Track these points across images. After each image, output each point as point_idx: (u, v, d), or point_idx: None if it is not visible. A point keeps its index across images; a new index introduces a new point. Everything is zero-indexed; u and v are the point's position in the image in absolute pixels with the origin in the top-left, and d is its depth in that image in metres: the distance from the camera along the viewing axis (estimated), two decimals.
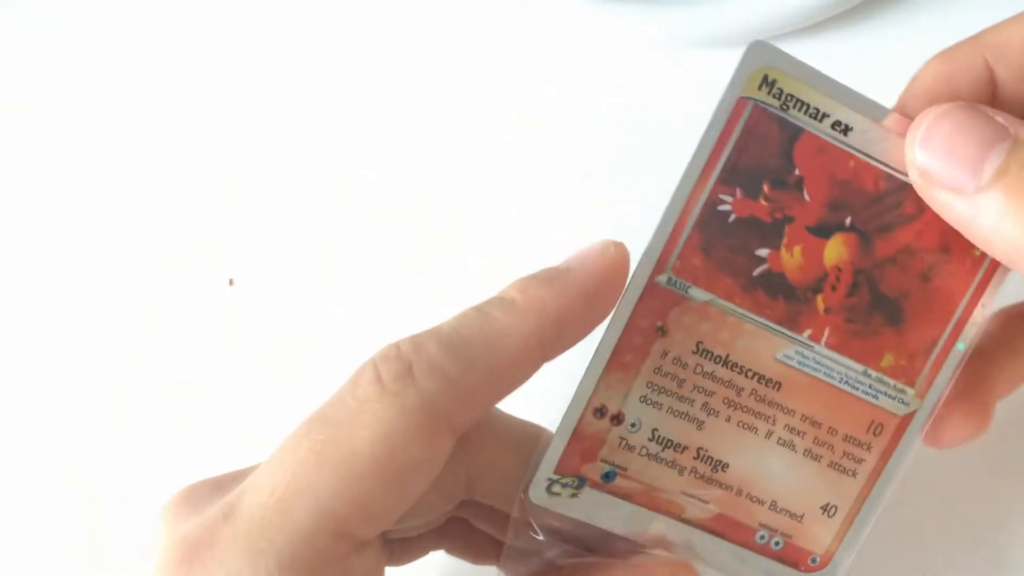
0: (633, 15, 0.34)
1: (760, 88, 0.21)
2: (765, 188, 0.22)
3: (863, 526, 0.24)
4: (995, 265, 0.23)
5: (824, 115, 0.22)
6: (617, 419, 0.23)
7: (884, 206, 0.22)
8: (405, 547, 0.25)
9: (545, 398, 0.24)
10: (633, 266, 0.22)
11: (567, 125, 0.34)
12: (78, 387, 0.32)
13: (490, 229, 0.33)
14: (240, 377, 0.32)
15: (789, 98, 0.22)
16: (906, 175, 0.22)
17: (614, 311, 0.22)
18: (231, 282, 0.33)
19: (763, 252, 0.22)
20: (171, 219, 0.34)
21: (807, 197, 0.22)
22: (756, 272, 0.22)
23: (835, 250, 0.23)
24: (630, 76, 0.34)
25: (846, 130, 0.22)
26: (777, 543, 0.24)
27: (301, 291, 0.33)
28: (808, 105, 0.22)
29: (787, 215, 0.22)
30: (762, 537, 0.24)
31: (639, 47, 0.34)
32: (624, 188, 0.33)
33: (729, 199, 0.22)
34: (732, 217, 0.22)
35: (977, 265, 0.23)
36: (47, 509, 0.30)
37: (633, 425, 0.23)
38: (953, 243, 0.23)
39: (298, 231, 0.34)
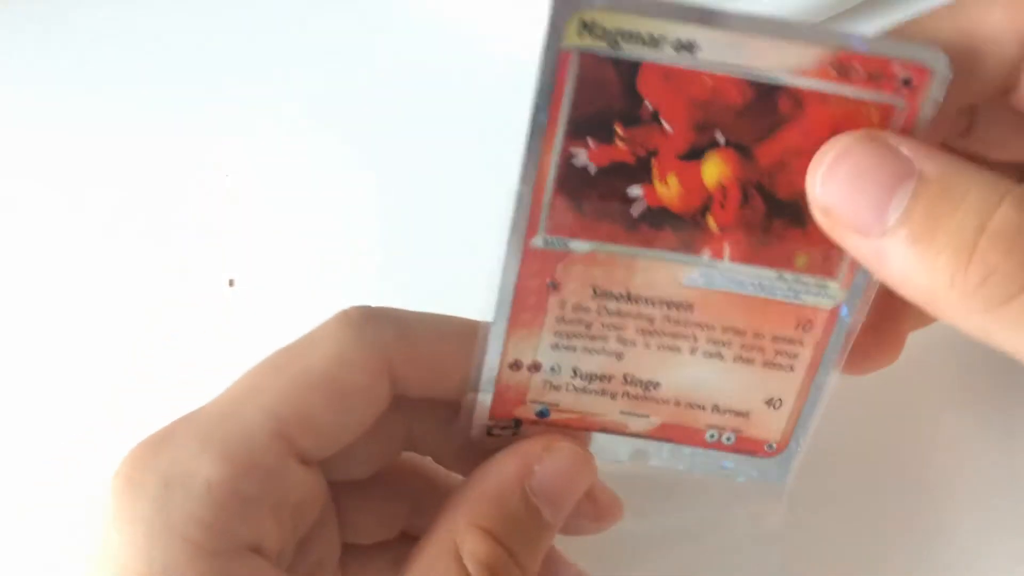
0: None
1: (581, 34, 0.19)
2: (618, 130, 0.20)
3: (813, 411, 0.24)
4: None
5: (661, 39, 0.20)
6: (535, 367, 0.24)
7: (757, 113, 0.20)
8: (361, 561, 0.26)
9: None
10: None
11: None
12: (78, 387, 0.32)
13: (489, 228, 0.33)
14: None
15: (616, 34, 0.19)
16: (773, 74, 0.20)
17: (499, 280, 0.22)
18: (231, 282, 0.33)
19: (636, 191, 0.21)
20: (171, 219, 0.34)
21: (667, 127, 0.20)
22: (635, 212, 0.21)
23: (713, 170, 0.21)
24: None
25: (691, 48, 0.20)
26: (728, 438, 0.24)
27: (301, 291, 0.33)
28: (639, 34, 0.19)
29: (650, 150, 0.21)
30: (712, 436, 0.24)
31: None
32: None
33: (583, 151, 0.21)
34: (593, 168, 0.21)
35: None
36: (47, 509, 0.30)
37: (552, 369, 0.24)
38: (844, 130, 0.20)
39: (298, 231, 0.34)
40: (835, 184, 0.20)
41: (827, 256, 0.22)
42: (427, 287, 0.33)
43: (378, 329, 0.23)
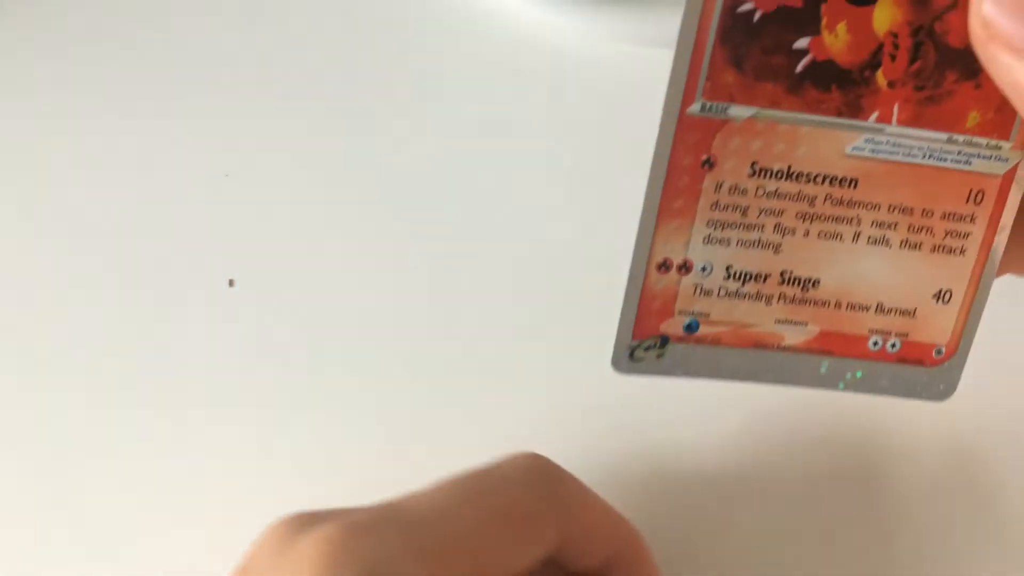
0: (631, 18, 0.34)
1: None
2: None
3: (982, 303, 0.22)
4: None
5: None
6: (685, 267, 0.21)
7: None
8: None
9: (610, 264, 0.22)
10: (661, 102, 0.20)
11: (561, 128, 0.34)
12: (78, 387, 0.32)
13: (488, 228, 0.33)
14: (240, 377, 0.31)
15: None
16: None
17: (652, 157, 0.20)
18: (231, 282, 0.32)
19: (803, 43, 0.19)
20: (171, 219, 0.34)
21: None
22: (800, 68, 0.19)
23: (885, 14, 0.19)
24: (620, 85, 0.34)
25: None
26: (894, 345, 0.22)
27: (301, 291, 0.33)
28: None
29: None
30: (875, 343, 0.22)
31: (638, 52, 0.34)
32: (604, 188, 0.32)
33: None
34: (758, 15, 0.19)
35: None
36: (47, 509, 0.30)
37: (704, 269, 0.21)
38: None
39: (298, 231, 0.33)
40: None
41: (1000, 112, 0.20)
42: (427, 286, 0.33)
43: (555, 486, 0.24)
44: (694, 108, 0.20)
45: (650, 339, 0.21)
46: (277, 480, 0.30)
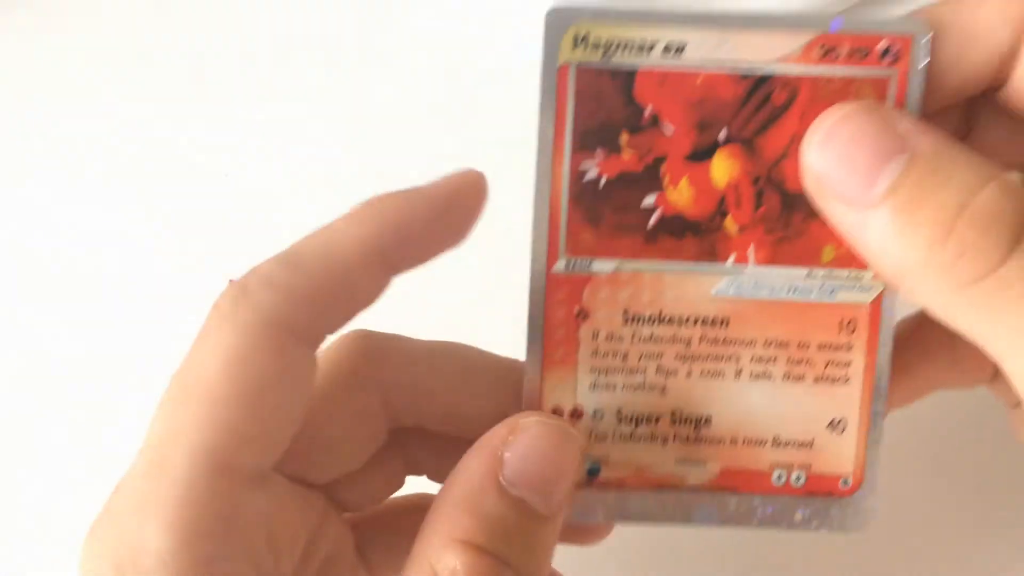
0: None
1: (575, 48, 0.21)
2: (623, 139, 0.21)
3: (879, 431, 0.22)
4: None
5: (651, 46, 0.21)
6: (576, 414, 0.22)
7: (753, 105, 0.21)
8: (354, 490, 0.24)
9: None
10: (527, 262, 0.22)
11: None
12: (78, 387, 0.32)
13: (485, 228, 0.33)
14: None
15: (608, 44, 0.21)
16: (761, 65, 0.21)
17: (528, 314, 0.22)
18: (231, 282, 0.33)
19: (650, 200, 0.22)
20: (171, 218, 0.34)
21: (669, 130, 0.21)
22: (652, 222, 0.22)
23: (722, 168, 0.21)
24: None
25: (679, 50, 0.21)
26: (798, 478, 0.22)
27: None
28: (630, 43, 0.21)
29: (657, 156, 0.21)
30: (779, 477, 0.22)
31: None
32: None
33: (593, 164, 0.21)
34: (603, 180, 0.21)
35: None
36: (47, 509, 0.30)
37: (596, 414, 0.22)
38: None
39: (298, 231, 0.33)
40: (829, 150, 0.20)
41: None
42: (428, 285, 0.30)
43: (254, 303, 0.20)
44: (559, 266, 0.22)
45: None
46: None
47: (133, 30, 0.38)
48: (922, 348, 0.25)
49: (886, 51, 0.21)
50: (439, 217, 0.21)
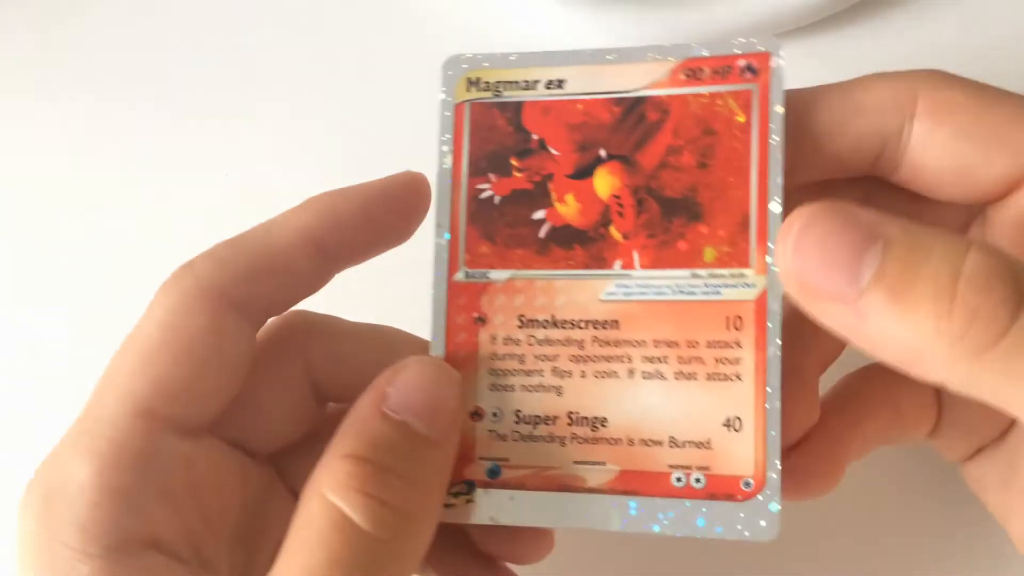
0: (630, 19, 0.35)
1: (469, 90, 0.24)
2: (514, 162, 0.24)
3: (776, 429, 0.22)
4: (765, 119, 0.23)
5: (534, 82, 0.24)
6: (477, 414, 0.23)
7: (628, 124, 0.23)
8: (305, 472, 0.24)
9: None
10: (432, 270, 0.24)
11: None
12: (79, 387, 0.30)
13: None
14: None
15: (498, 84, 0.24)
16: (631, 90, 0.23)
17: (431, 322, 0.24)
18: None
19: (540, 214, 0.24)
20: (171, 218, 0.34)
21: (555, 152, 0.24)
22: (542, 234, 0.23)
23: (604, 182, 0.23)
24: None
25: (560, 84, 0.24)
26: (698, 480, 0.22)
27: None
28: (516, 82, 0.24)
29: (545, 175, 0.24)
30: (679, 479, 0.22)
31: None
32: None
33: (487, 186, 0.24)
34: (497, 199, 0.24)
35: (747, 129, 0.23)
36: None
37: (495, 415, 0.23)
38: (712, 123, 0.23)
39: None
40: (805, 252, 0.20)
41: (734, 245, 0.23)
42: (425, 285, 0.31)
43: (196, 271, 0.23)
44: (459, 276, 0.24)
45: (457, 485, 0.23)
46: None
47: (133, 30, 0.39)
48: (866, 405, 0.25)
49: (747, 67, 0.23)
50: (373, 211, 0.24)
